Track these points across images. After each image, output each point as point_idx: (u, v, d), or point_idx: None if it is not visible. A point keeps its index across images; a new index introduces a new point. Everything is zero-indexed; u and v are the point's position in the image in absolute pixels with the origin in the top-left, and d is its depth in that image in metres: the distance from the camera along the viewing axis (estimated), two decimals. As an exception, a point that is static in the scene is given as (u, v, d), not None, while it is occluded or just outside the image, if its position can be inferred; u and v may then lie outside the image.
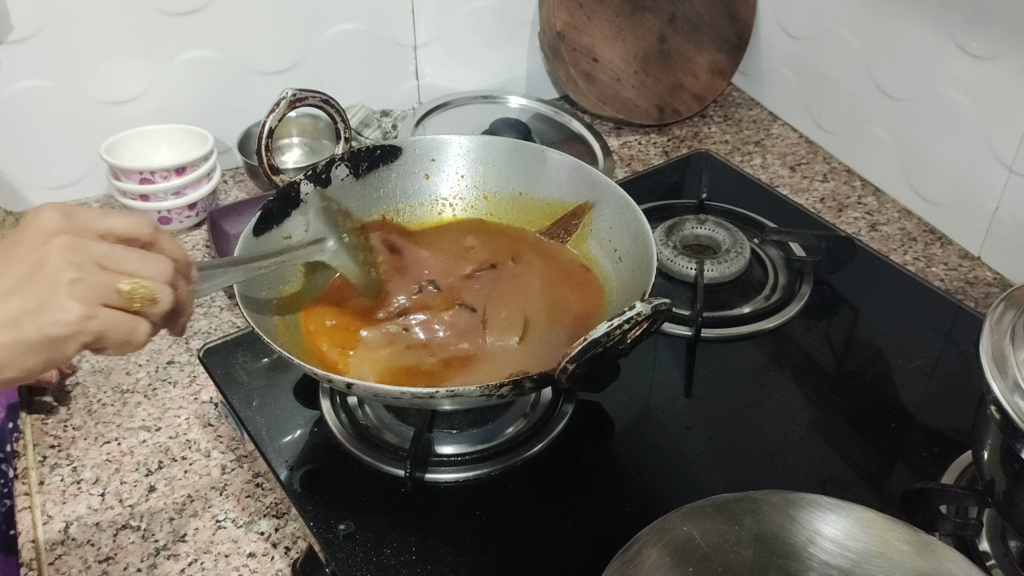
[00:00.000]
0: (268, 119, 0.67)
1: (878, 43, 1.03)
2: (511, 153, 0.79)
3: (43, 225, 0.46)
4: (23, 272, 0.45)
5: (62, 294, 0.44)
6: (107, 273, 0.46)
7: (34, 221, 0.46)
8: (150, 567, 0.65)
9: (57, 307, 0.44)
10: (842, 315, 0.83)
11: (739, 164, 1.10)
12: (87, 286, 0.45)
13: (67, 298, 0.44)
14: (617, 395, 0.73)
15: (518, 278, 0.73)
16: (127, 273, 0.47)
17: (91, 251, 0.46)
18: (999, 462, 0.57)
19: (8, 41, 0.92)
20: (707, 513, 0.56)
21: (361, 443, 0.67)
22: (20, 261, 0.45)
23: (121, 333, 0.47)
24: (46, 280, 0.44)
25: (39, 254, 0.45)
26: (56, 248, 0.45)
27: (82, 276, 0.45)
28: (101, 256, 0.47)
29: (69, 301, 0.44)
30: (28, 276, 0.45)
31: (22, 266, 0.45)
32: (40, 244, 0.45)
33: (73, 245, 0.46)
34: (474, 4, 1.15)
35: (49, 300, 0.44)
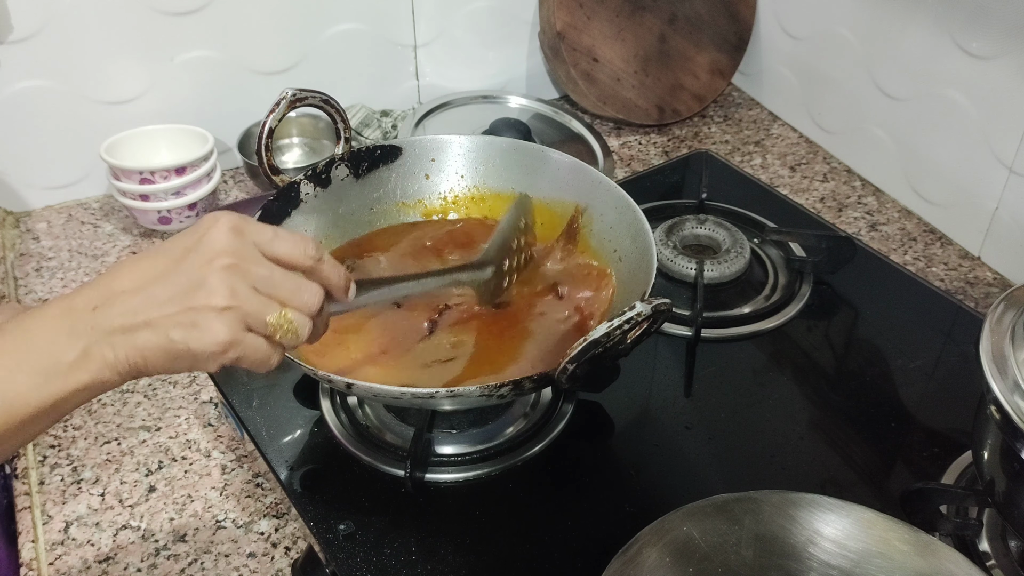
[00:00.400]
0: (268, 119, 0.67)
1: (878, 43, 1.03)
2: (511, 153, 0.79)
3: (215, 239, 0.48)
4: (184, 285, 0.47)
5: (213, 318, 0.47)
6: (259, 300, 0.48)
7: (208, 232, 0.48)
8: (150, 567, 0.65)
9: (207, 329, 0.47)
10: (842, 315, 0.83)
11: (739, 164, 1.10)
12: (238, 314, 0.47)
13: (218, 323, 0.47)
14: (617, 395, 0.73)
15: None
16: (279, 301, 0.49)
17: (251, 276, 0.48)
18: (999, 462, 0.57)
19: (8, 41, 0.92)
20: (707, 513, 0.56)
21: (361, 443, 0.67)
22: (184, 273, 0.47)
23: (257, 359, 0.49)
24: (203, 301, 0.47)
25: (202, 273, 0.47)
26: (219, 271, 0.47)
27: (235, 304, 0.47)
28: (259, 280, 0.48)
29: (219, 326, 0.47)
30: (189, 291, 0.47)
31: (184, 278, 0.47)
32: (206, 262, 0.47)
33: (235, 271, 0.48)
34: (474, 4, 1.15)
35: (200, 321, 0.47)
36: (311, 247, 0.51)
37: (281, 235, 0.51)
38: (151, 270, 0.48)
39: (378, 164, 0.78)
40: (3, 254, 0.96)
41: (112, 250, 0.97)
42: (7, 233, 0.99)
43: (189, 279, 0.47)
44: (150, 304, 0.47)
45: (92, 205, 1.04)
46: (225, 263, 0.47)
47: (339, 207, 0.76)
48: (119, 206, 1.02)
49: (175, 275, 0.48)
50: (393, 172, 0.79)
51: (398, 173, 0.79)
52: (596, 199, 0.75)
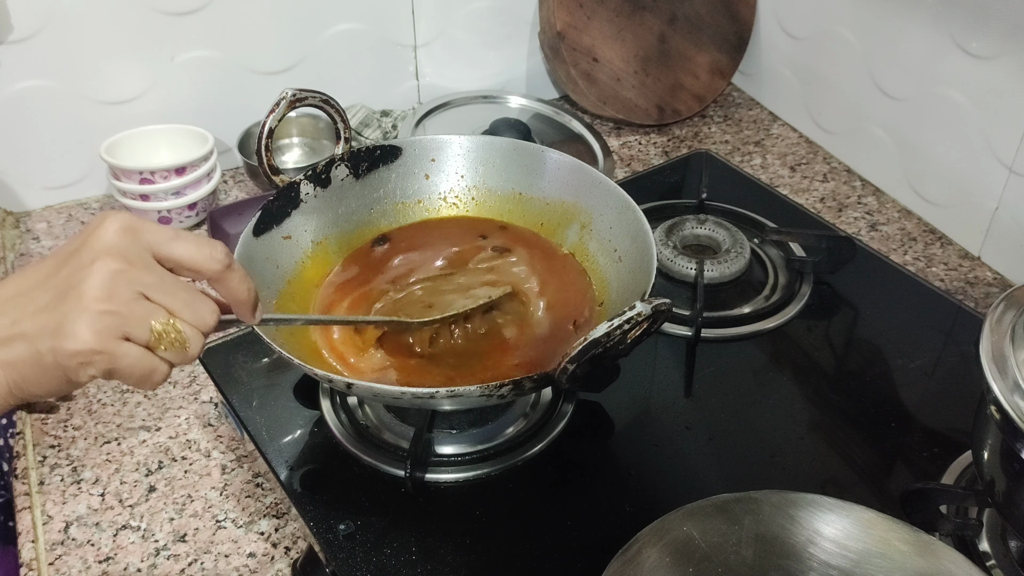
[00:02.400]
0: (268, 119, 0.67)
1: (878, 43, 1.03)
2: (511, 153, 0.79)
3: (100, 239, 0.43)
4: (61, 287, 0.43)
5: (81, 322, 0.42)
6: (145, 306, 0.44)
7: (94, 232, 0.44)
8: (150, 567, 0.65)
9: (69, 334, 0.42)
10: (842, 315, 0.83)
11: (739, 164, 1.10)
12: (113, 319, 0.42)
13: (84, 327, 0.42)
14: (617, 395, 0.73)
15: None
16: (168, 310, 0.44)
17: (137, 280, 0.43)
18: (999, 462, 0.57)
19: (8, 41, 0.92)
20: (707, 513, 0.56)
21: (361, 443, 0.67)
22: (64, 276, 0.43)
23: (136, 372, 0.44)
24: (74, 303, 0.42)
25: (82, 273, 0.42)
26: (99, 272, 0.42)
27: (113, 309, 0.42)
28: (147, 286, 0.44)
29: (84, 330, 0.42)
30: (63, 294, 0.43)
31: (63, 281, 0.43)
32: (89, 262, 0.43)
33: (118, 273, 0.43)
34: (474, 4, 1.15)
35: (65, 325, 0.42)
36: (219, 251, 0.46)
37: (183, 236, 0.46)
38: (33, 277, 0.44)
39: (378, 164, 0.78)
40: (3, 254, 0.96)
41: (112, 250, 0.97)
42: (7, 233, 0.99)
43: (65, 282, 0.43)
44: (25, 313, 0.43)
45: (92, 205, 1.04)
46: (109, 266, 0.43)
47: (339, 207, 0.76)
48: (119, 206, 1.02)
49: (53, 279, 0.43)
50: (393, 172, 0.79)
51: (398, 173, 0.79)
52: (596, 199, 0.75)
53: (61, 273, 0.43)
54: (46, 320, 0.42)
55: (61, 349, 0.42)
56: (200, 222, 1.00)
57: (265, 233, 0.70)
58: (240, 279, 0.48)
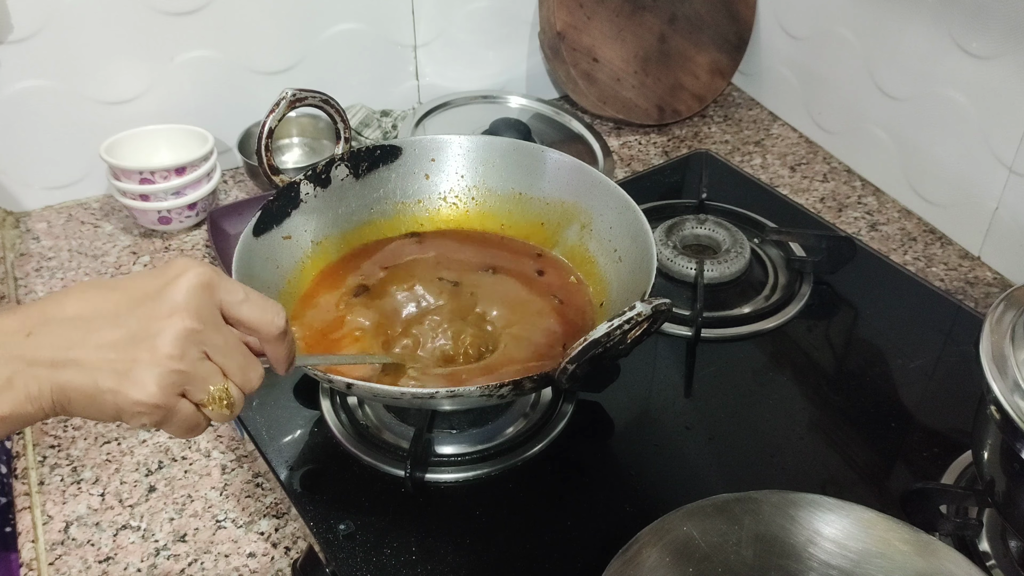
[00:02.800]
0: (268, 119, 0.67)
1: (878, 43, 1.03)
2: (511, 153, 0.79)
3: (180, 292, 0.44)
4: (132, 332, 0.43)
5: (151, 375, 0.43)
6: (206, 368, 0.45)
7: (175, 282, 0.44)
8: (150, 567, 0.65)
9: (138, 383, 0.43)
10: (842, 315, 0.83)
11: (739, 164, 1.10)
12: (180, 378, 0.44)
13: (153, 381, 0.43)
14: (617, 395, 0.73)
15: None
16: (223, 372, 0.46)
17: (207, 341, 0.45)
18: (999, 462, 0.57)
19: (8, 41, 0.92)
20: (707, 513, 0.56)
21: (361, 443, 0.67)
22: (136, 318, 0.44)
23: (182, 427, 0.46)
24: (148, 354, 0.43)
25: (157, 326, 0.43)
26: (176, 328, 0.43)
27: (182, 369, 0.44)
28: (213, 347, 0.45)
29: (152, 384, 0.43)
30: (133, 339, 0.43)
31: (134, 324, 0.43)
32: (164, 315, 0.43)
33: (193, 333, 0.44)
34: (474, 4, 1.15)
35: (135, 373, 0.43)
36: (280, 318, 0.48)
37: (252, 299, 0.47)
38: (100, 305, 0.44)
39: (378, 164, 0.78)
40: (3, 254, 0.96)
41: (112, 250, 0.97)
42: (7, 233, 0.99)
43: (140, 327, 0.43)
44: (87, 342, 0.43)
45: (92, 205, 1.04)
46: (184, 322, 0.44)
47: (339, 207, 0.76)
48: (119, 206, 1.02)
49: (126, 318, 0.44)
50: (393, 172, 0.79)
51: (398, 173, 0.79)
52: (596, 199, 0.75)
53: (135, 313, 0.44)
54: (114, 360, 0.43)
55: (125, 395, 0.43)
56: (200, 222, 1.00)
57: (265, 233, 0.70)
58: (290, 345, 0.50)
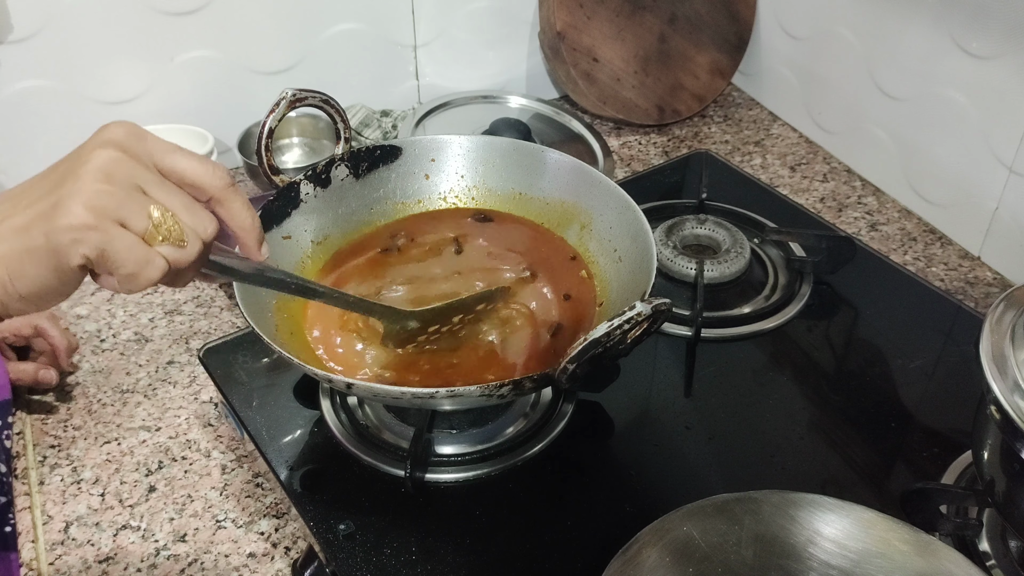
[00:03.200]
0: (268, 119, 0.67)
1: (878, 43, 1.03)
2: (511, 153, 0.79)
3: (104, 135, 0.43)
4: (57, 179, 0.42)
5: (76, 198, 0.41)
6: (141, 197, 0.42)
7: (97, 134, 0.43)
8: (150, 567, 0.65)
9: (64, 210, 0.41)
10: (842, 315, 0.83)
11: (739, 164, 1.10)
12: (109, 198, 0.41)
13: (78, 203, 0.41)
14: (617, 395, 0.73)
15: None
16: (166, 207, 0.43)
17: (136, 173, 0.42)
18: (999, 462, 0.57)
19: (8, 41, 0.92)
20: (707, 513, 0.56)
21: (361, 443, 0.67)
22: (62, 168, 0.42)
23: (131, 260, 0.42)
24: (71, 186, 0.41)
25: (82, 161, 0.42)
26: (98, 158, 0.42)
27: (110, 189, 0.41)
28: (146, 181, 0.43)
29: (78, 206, 0.40)
30: (58, 182, 0.42)
31: (59, 174, 0.42)
32: (89, 151, 0.42)
33: (117, 160, 0.42)
34: (474, 4, 1.15)
35: (60, 203, 0.41)
36: (221, 169, 0.45)
37: (186, 151, 0.44)
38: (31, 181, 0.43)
39: (378, 164, 0.78)
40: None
41: (112, 250, 0.97)
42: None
43: (65, 171, 0.42)
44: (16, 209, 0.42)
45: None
46: (108, 154, 0.42)
47: (339, 207, 0.76)
48: (119, 206, 1.02)
49: (51, 173, 0.42)
50: (393, 172, 0.79)
51: (398, 173, 0.79)
52: (596, 199, 0.75)
53: (59, 168, 0.43)
54: (41, 207, 0.41)
55: (54, 226, 0.41)
56: (200, 222, 1.00)
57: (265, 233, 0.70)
58: (244, 203, 0.47)
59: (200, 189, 0.45)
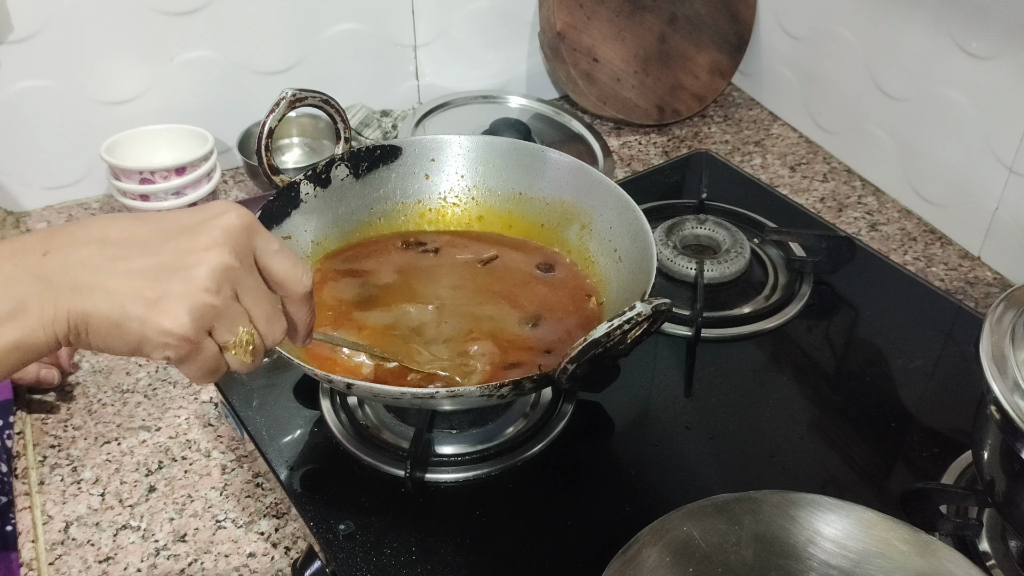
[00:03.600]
0: (268, 119, 0.67)
1: (878, 43, 1.03)
2: (511, 153, 0.79)
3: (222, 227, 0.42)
4: (166, 261, 0.41)
5: (185, 305, 0.41)
6: (237, 308, 0.43)
7: (217, 218, 0.43)
8: (150, 567, 0.65)
9: (170, 313, 0.41)
10: (842, 315, 0.83)
11: (739, 164, 1.10)
12: (213, 313, 0.42)
13: (186, 312, 0.41)
14: (617, 395, 0.73)
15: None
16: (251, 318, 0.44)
17: (241, 283, 0.43)
18: (999, 462, 0.57)
19: (8, 41, 0.92)
20: (707, 513, 0.56)
21: (361, 443, 0.67)
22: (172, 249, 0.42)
23: (204, 367, 0.43)
24: (181, 285, 0.41)
25: (196, 257, 0.41)
26: (215, 261, 0.41)
27: (215, 304, 0.42)
28: (245, 290, 0.43)
29: (185, 315, 0.41)
30: (167, 268, 0.41)
31: (170, 254, 0.41)
32: (204, 248, 0.42)
33: (231, 270, 0.42)
34: (474, 4, 1.15)
35: (166, 302, 0.41)
36: (308, 277, 0.46)
37: (285, 252, 0.45)
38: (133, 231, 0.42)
39: (378, 164, 0.78)
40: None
41: (112, 250, 0.97)
42: (7, 233, 0.99)
43: (175, 258, 0.41)
44: (116, 268, 0.41)
45: (92, 205, 1.04)
46: (224, 257, 0.42)
47: (339, 207, 0.76)
48: (119, 206, 1.02)
49: (159, 247, 0.42)
50: (393, 172, 0.79)
51: (398, 173, 0.79)
52: (596, 199, 0.75)
53: (170, 244, 0.42)
54: (144, 288, 0.41)
55: (154, 324, 0.40)
56: (200, 222, 1.00)
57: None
58: (312, 311, 0.48)
59: (284, 290, 0.46)
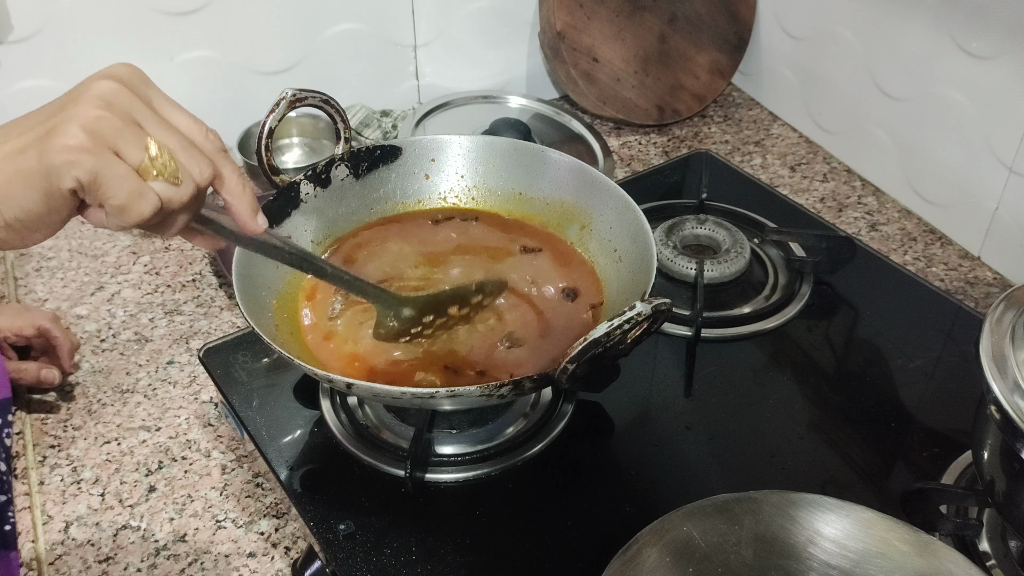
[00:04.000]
0: (268, 119, 0.67)
1: (878, 43, 1.03)
2: (511, 153, 0.79)
3: (105, 71, 0.43)
4: (56, 106, 0.42)
5: (74, 122, 0.40)
6: (137, 130, 0.42)
7: (106, 69, 0.43)
8: (150, 567, 0.65)
9: (61, 131, 0.40)
10: (842, 315, 0.83)
11: (739, 164, 1.10)
12: (107, 124, 0.41)
13: (76, 126, 0.40)
14: (617, 395, 0.73)
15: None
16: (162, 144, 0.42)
17: (136, 108, 0.42)
18: (999, 462, 0.57)
19: (8, 41, 0.92)
20: (707, 513, 0.56)
21: (361, 443, 0.67)
22: (61, 100, 0.42)
23: (123, 190, 0.41)
24: (70, 110, 0.41)
25: (79, 91, 0.42)
26: (99, 87, 0.41)
27: (108, 116, 0.41)
28: (144, 118, 0.42)
29: (76, 128, 0.40)
30: (57, 109, 0.42)
31: (59, 103, 0.42)
32: (89, 82, 0.42)
33: (119, 92, 0.42)
34: (474, 4, 1.15)
35: (58, 126, 0.40)
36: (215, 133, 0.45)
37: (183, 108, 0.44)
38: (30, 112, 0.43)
39: (378, 164, 0.78)
40: (3, 254, 0.96)
41: (112, 250, 0.97)
42: (7, 233, 0.98)
43: (62, 102, 0.42)
44: (10, 134, 0.41)
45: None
46: (110, 84, 0.42)
47: (339, 207, 0.76)
48: (119, 206, 1.02)
49: (49, 105, 0.42)
50: (393, 172, 0.79)
51: (398, 173, 0.79)
52: (596, 199, 0.75)
53: (59, 99, 0.42)
54: (37, 131, 0.41)
55: (49, 146, 0.40)
56: (200, 222, 1.00)
57: (265, 233, 0.70)
58: (235, 169, 0.46)
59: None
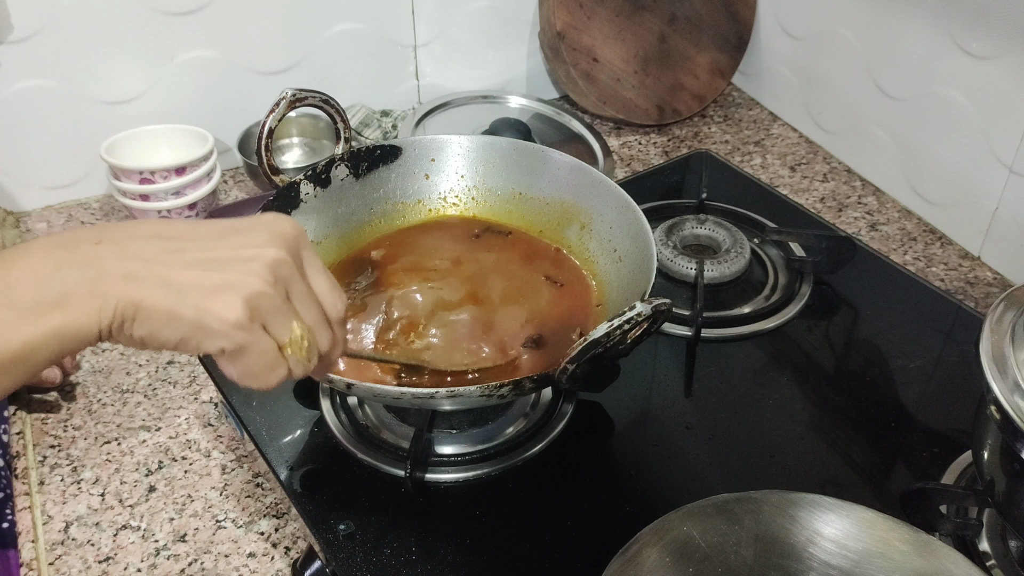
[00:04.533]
0: (268, 119, 0.67)
1: (878, 43, 1.03)
2: (511, 153, 0.79)
3: (276, 228, 0.44)
4: (227, 256, 0.42)
5: (239, 295, 0.41)
6: (290, 306, 0.43)
7: (270, 221, 0.45)
8: (150, 567, 0.65)
9: (225, 303, 0.41)
10: (842, 315, 0.83)
11: (739, 164, 1.10)
12: (268, 302, 0.42)
13: (239, 299, 0.41)
14: (617, 395, 0.73)
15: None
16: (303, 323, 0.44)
17: (294, 282, 0.44)
18: (999, 462, 0.57)
19: (8, 41, 0.92)
20: (707, 513, 0.56)
21: (361, 443, 0.67)
22: (228, 245, 0.43)
23: (262, 363, 0.43)
24: (236, 276, 0.41)
25: (252, 252, 0.42)
26: (268, 258, 0.42)
27: (270, 293, 0.42)
28: (297, 293, 0.44)
29: (239, 303, 0.41)
30: (226, 262, 0.42)
31: (230, 250, 0.42)
32: (262, 243, 0.43)
33: (284, 267, 0.43)
34: (474, 4, 1.15)
35: (222, 293, 0.41)
36: (344, 303, 0.47)
37: (328, 272, 0.46)
38: (186, 231, 0.43)
39: (378, 164, 0.78)
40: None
41: (112, 250, 0.97)
42: (7, 233, 0.99)
43: (232, 251, 0.42)
44: (173, 259, 0.41)
45: (92, 205, 1.04)
46: (278, 256, 0.43)
47: (339, 207, 0.76)
48: (119, 206, 1.02)
49: (214, 242, 0.42)
50: (393, 172, 0.79)
51: (398, 173, 0.79)
52: (596, 199, 0.75)
53: (225, 241, 0.43)
54: (202, 278, 0.41)
55: (211, 311, 0.41)
56: (200, 222, 1.00)
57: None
58: (344, 337, 0.48)
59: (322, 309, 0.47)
